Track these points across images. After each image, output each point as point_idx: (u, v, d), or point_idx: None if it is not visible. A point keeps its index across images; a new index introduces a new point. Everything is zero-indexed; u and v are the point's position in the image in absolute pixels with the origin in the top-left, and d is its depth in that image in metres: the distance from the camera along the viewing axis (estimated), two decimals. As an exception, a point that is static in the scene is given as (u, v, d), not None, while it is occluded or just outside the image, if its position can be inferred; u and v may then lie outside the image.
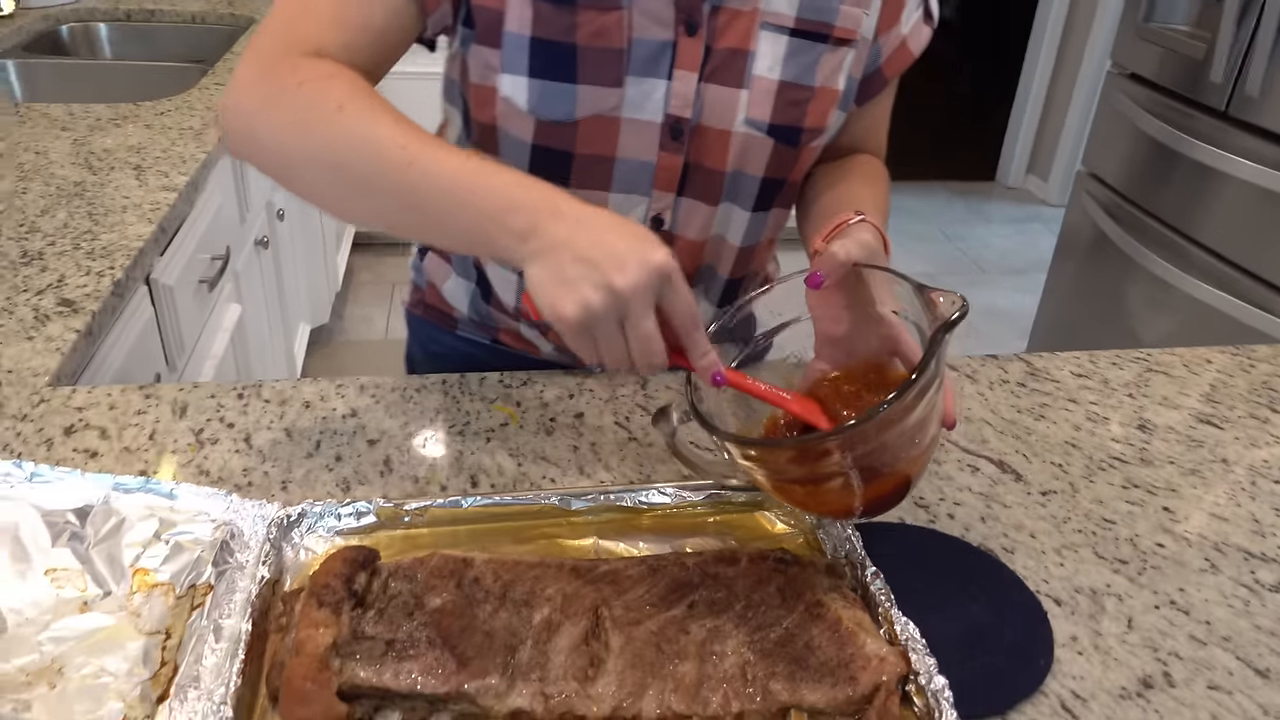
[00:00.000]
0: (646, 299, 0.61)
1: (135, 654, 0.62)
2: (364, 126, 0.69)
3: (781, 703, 0.60)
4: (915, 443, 0.64)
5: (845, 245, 0.70)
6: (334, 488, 0.80)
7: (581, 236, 0.62)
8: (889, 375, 0.72)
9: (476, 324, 1.06)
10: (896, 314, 0.71)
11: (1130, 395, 1.00)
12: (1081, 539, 0.79)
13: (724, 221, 0.92)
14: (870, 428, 0.59)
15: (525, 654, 0.61)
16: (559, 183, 0.86)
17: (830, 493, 0.65)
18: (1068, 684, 0.65)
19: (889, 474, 0.64)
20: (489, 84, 0.85)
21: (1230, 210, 2.09)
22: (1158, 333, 2.30)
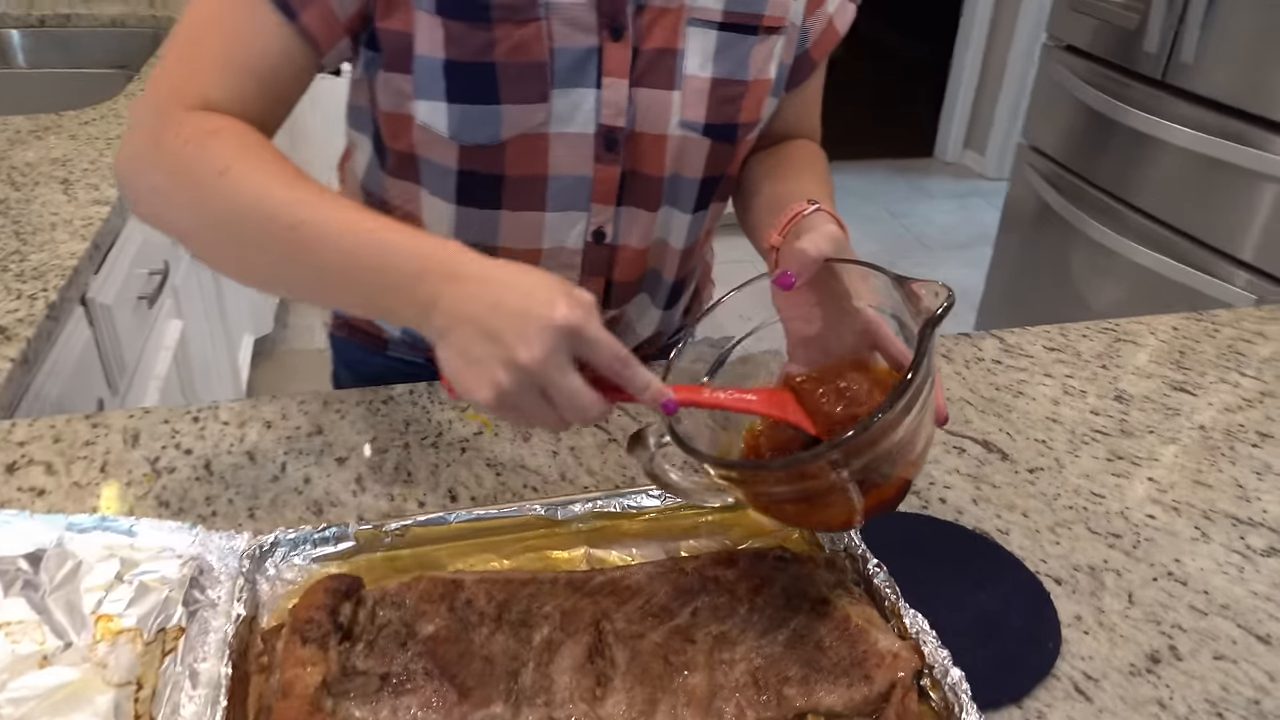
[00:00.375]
0: (557, 363, 0.56)
1: (105, 709, 0.58)
2: (249, 190, 0.65)
3: (797, 708, 0.58)
4: (912, 445, 0.60)
5: (813, 240, 0.66)
6: (305, 512, 0.76)
7: (482, 304, 0.57)
8: (871, 372, 0.68)
9: (409, 344, 0.99)
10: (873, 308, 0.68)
11: (1104, 366, 1.00)
12: (1074, 515, 0.78)
13: (665, 225, 0.89)
14: (865, 438, 0.55)
15: (528, 677, 0.58)
16: (490, 207, 0.83)
17: (826, 508, 0.61)
18: (1078, 665, 0.65)
19: (887, 481, 0.61)
20: (403, 111, 0.79)
21: (1168, 176, 2.13)
22: (1105, 299, 2.34)
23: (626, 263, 0.89)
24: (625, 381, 0.59)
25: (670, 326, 1.01)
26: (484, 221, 0.84)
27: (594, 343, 0.57)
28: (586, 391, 0.57)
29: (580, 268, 0.88)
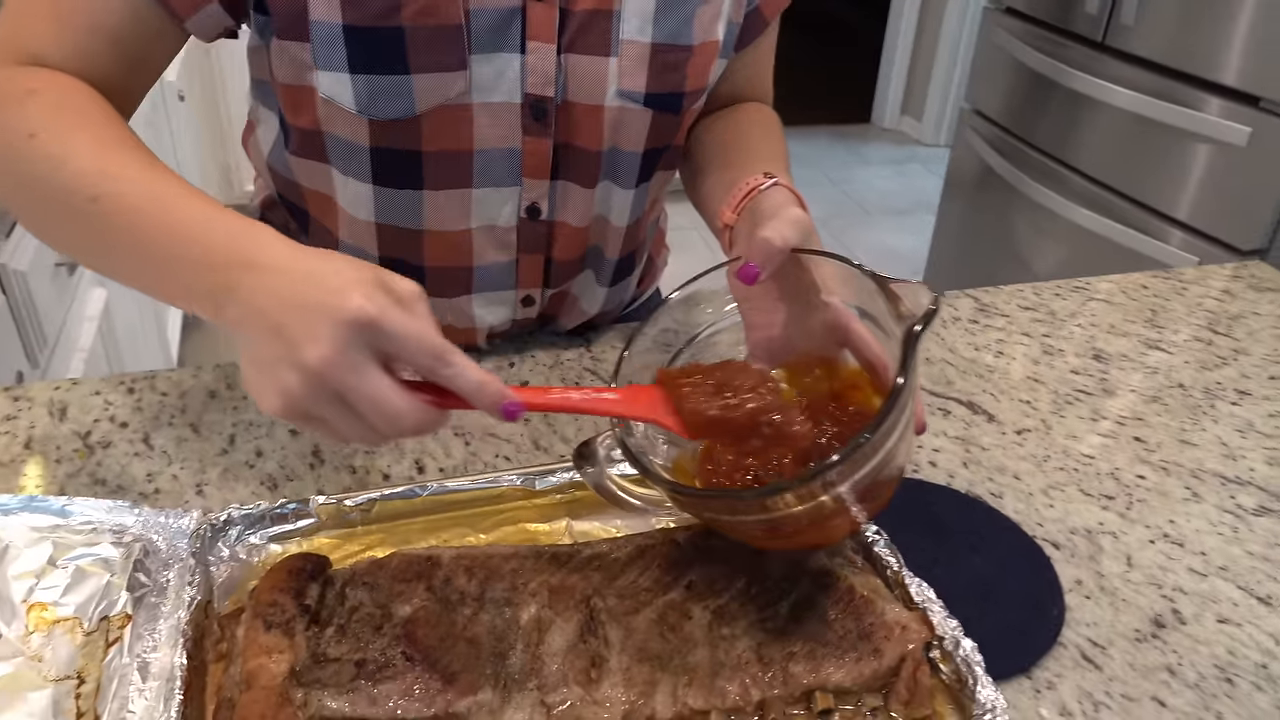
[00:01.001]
0: (351, 363, 0.46)
1: (42, 706, 0.52)
2: (54, 157, 0.57)
3: (804, 685, 0.55)
4: (892, 463, 0.55)
5: (777, 228, 0.60)
6: (259, 487, 0.70)
7: (274, 298, 0.48)
8: (839, 370, 0.63)
9: None
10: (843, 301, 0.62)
11: (1079, 326, 0.98)
12: (1065, 477, 0.76)
13: (605, 202, 0.82)
14: (849, 464, 0.50)
15: (517, 660, 0.54)
16: (411, 187, 0.75)
17: (793, 535, 0.56)
18: (1083, 632, 0.62)
19: (860, 506, 0.55)
20: (304, 83, 0.71)
21: (1107, 137, 2.15)
22: (1048, 262, 2.36)
23: (566, 240, 0.82)
24: (447, 382, 0.49)
25: (620, 301, 0.94)
26: (405, 202, 0.76)
27: (398, 338, 0.47)
28: (395, 397, 0.47)
29: (516, 246, 0.81)
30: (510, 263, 0.81)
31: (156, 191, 0.55)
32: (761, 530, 0.56)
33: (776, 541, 0.58)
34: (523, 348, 0.88)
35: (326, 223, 0.80)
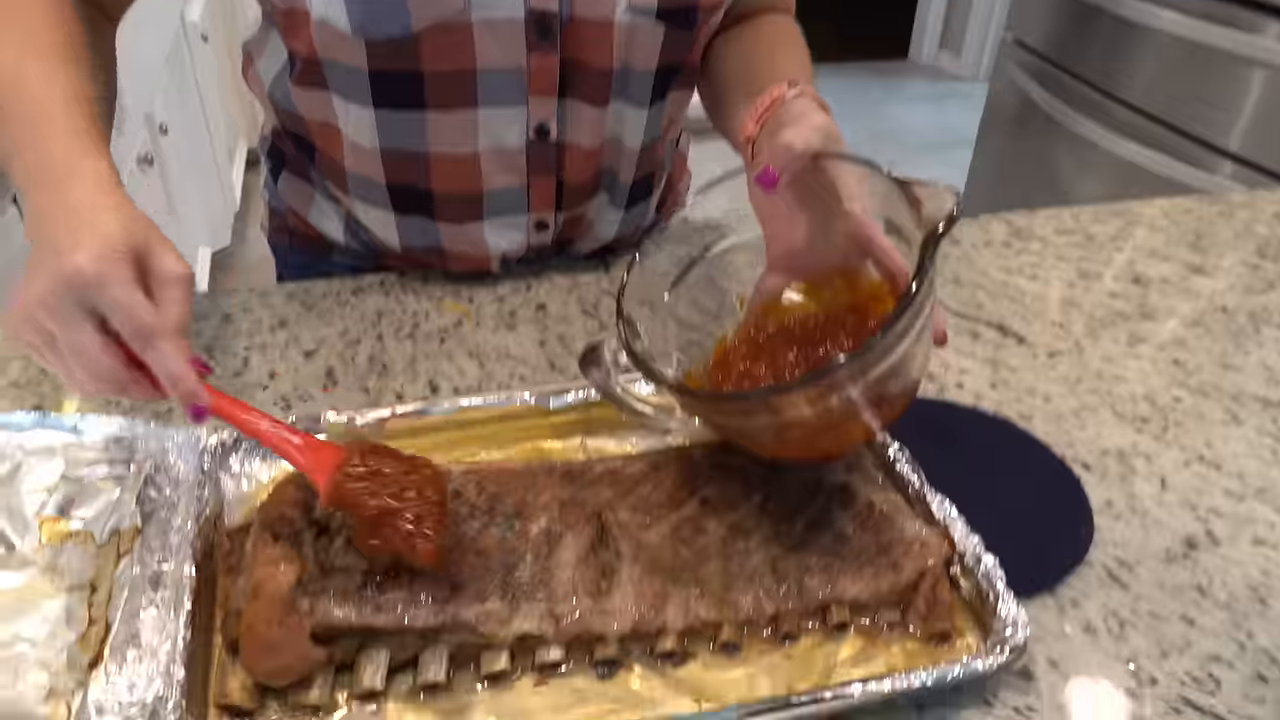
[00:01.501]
0: (63, 314, 0.49)
1: (55, 614, 0.52)
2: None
3: (819, 600, 0.53)
4: (908, 368, 0.53)
5: (799, 132, 0.58)
6: (272, 407, 0.70)
7: (38, 231, 0.52)
8: (861, 283, 0.61)
9: (355, 250, 0.88)
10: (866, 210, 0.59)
11: (1118, 249, 0.94)
12: (1097, 399, 0.74)
13: (617, 123, 0.78)
14: (859, 365, 0.49)
15: (526, 572, 0.53)
16: (414, 108, 0.72)
17: (804, 440, 0.55)
18: (1111, 551, 0.60)
19: (877, 409, 0.54)
20: (297, 6, 0.69)
21: (1156, 66, 2.07)
22: (1089, 197, 2.29)
23: (577, 162, 0.79)
24: (150, 364, 0.51)
25: (638, 226, 0.90)
26: (409, 125, 0.74)
27: (109, 307, 0.49)
28: (95, 351, 0.50)
29: (526, 169, 0.78)
30: (521, 187, 0.79)
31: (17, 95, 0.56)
32: (771, 437, 0.54)
33: (787, 449, 0.57)
34: (540, 271, 0.86)
35: (332, 153, 0.79)
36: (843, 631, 0.53)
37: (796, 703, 0.47)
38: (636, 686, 0.50)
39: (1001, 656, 0.50)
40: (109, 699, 0.48)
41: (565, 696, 0.50)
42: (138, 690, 0.48)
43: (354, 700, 0.49)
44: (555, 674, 0.51)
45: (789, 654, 0.52)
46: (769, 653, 0.52)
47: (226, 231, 2.59)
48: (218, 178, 2.51)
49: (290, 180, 0.87)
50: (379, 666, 0.49)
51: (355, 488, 0.51)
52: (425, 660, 0.50)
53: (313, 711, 0.48)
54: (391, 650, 0.50)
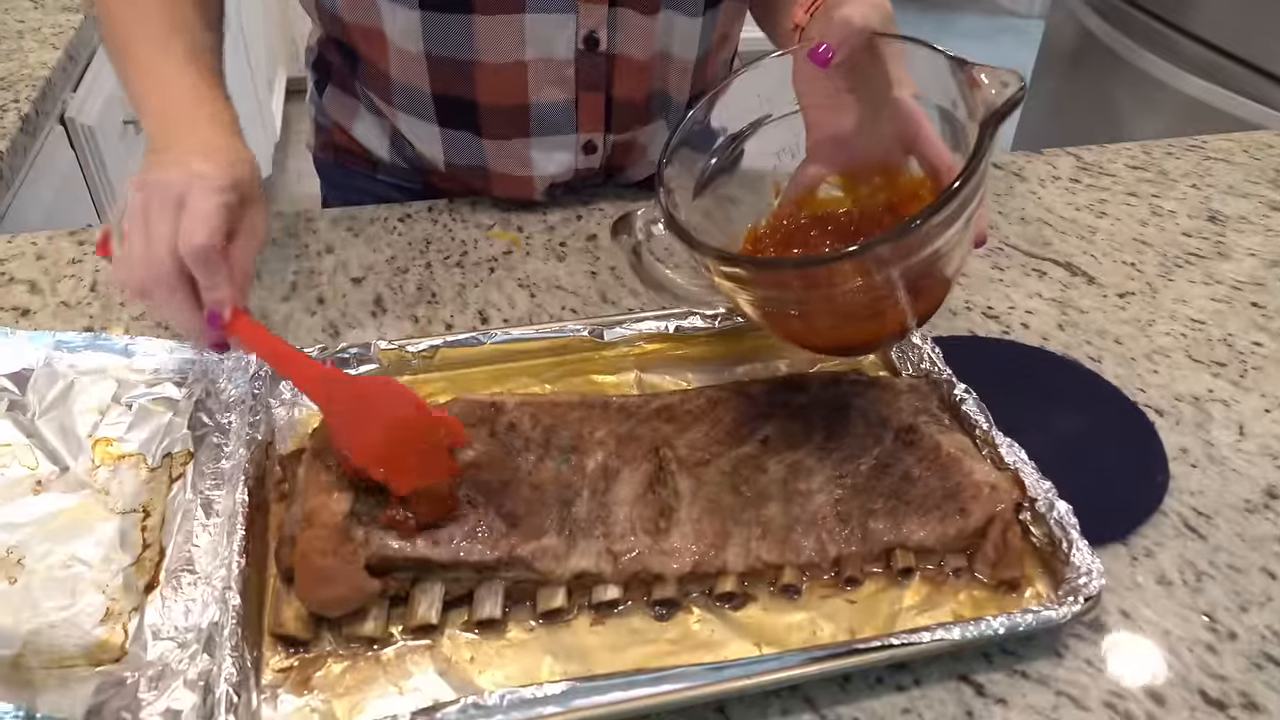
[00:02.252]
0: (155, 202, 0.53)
1: (110, 537, 0.52)
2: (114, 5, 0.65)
3: (884, 543, 0.52)
4: (947, 263, 0.51)
5: (858, 9, 0.54)
6: (320, 334, 0.68)
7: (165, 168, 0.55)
8: (901, 181, 0.58)
9: (402, 167, 0.86)
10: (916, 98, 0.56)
11: (1194, 186, 0.90)
12: (1171, 342, 0.71)
13: (667, 33, 0.75)
14: (903, 244, 0.47)
15: (583, 508, 0.51)
16: (460, 11, 0.70)
17: (835, 326, 0.54)
18: (1186, 500, 0.58)
19: (909, 302, 0.52)
20: None
21: (1226, -5, 1.97)
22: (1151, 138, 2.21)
23: (627, 76, 0.76)
24: (196, 269, 0.53)
25: None
26: (455, 29, 0.71)
27: (190, 211, 0.53)
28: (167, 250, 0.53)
29: (574, 82, 0.75)
30: (569, 102, 0.76)
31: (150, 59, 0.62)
32: (800, 321, 0.53)
33: (814, 337, 0.55)
34: (589, 199, 0.83)
35: (378, 62, 0.76)
36: (907, 577, 0.52)
37: (863, 649, 0.46)
38: (695, 628, 0.49)
39: (1075, 606, 0.48)
40: (165, 623, 0.47)
41: (623, 636, 0.49)
42: (193, 615, 0.48)
43: (408, 634, 0.48)
44: (612, 613, 0.50)
45: (851, 599, 0.51)
46: (831, 597, 0.51)
47: (267, 162, 2.58)
48: (258, 108, 2.49)
49: (335, 94, 0.85)
50: (434, 600, 0.48)
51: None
52: (480, 596, 0.49)
53: (367, 643, 0.47)
54: (446, 585, 0.49)
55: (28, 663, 0.45)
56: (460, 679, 0.46)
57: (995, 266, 0.78)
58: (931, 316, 0.57)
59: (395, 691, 0.46)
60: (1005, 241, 0.81)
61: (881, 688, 0.48)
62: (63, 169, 1.09)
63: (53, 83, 1.05)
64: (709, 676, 0.45)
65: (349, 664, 0.47)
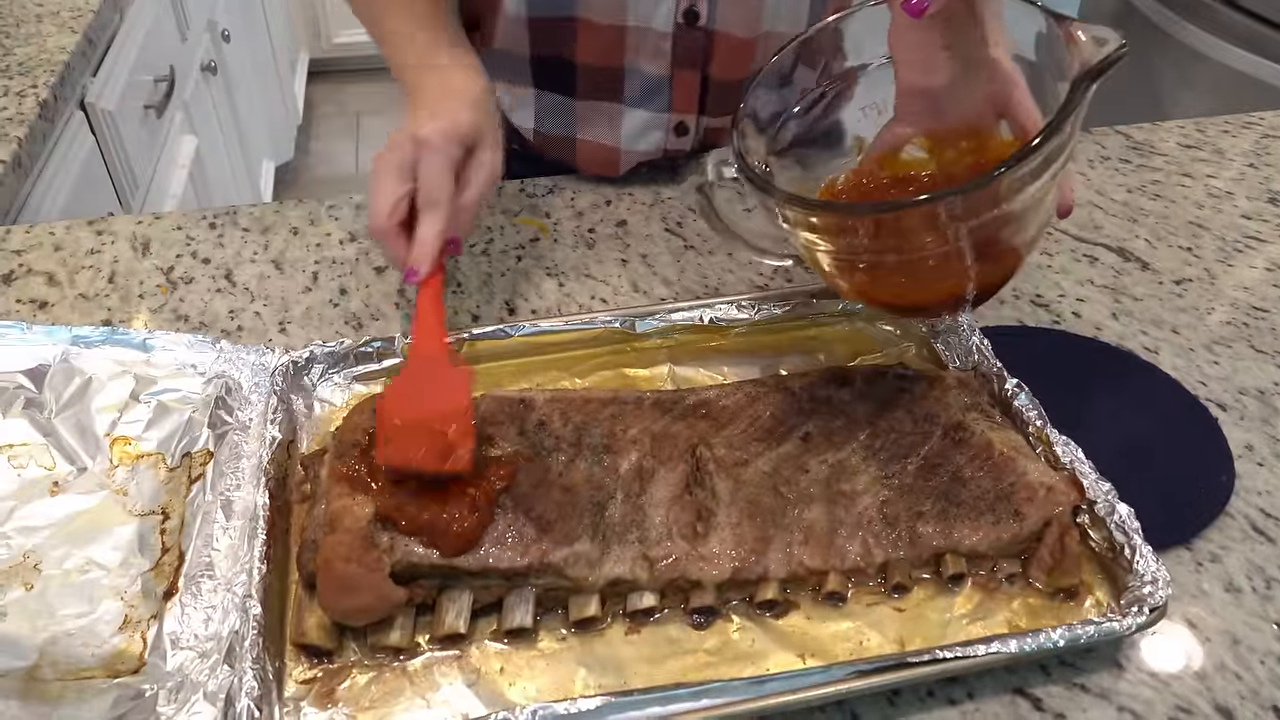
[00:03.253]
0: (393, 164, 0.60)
1: (128, 540, 0.50)
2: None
3: (934, 548, 0.49)
4: (1028, 222, 0.49)
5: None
6: (343, 326, 0.66)
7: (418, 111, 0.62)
8: (990, 143, 0.55)
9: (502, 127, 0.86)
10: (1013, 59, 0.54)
11: (1251, 165, 0.86)
12: (1233, 332, 0.67)
13: (775, 11, 0.72)
14: (986, 193, 0.45)
15: (617, 511, 0.49)
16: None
17: (912, 281, 0.51)
18: (1254, 501, 0.55)
19: (987, 262, 0.50)
20: None
21: (1276, -33, 1.90)
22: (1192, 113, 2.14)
23: (727, 54, 0.74)
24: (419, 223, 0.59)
25: None
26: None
27: (424, 169, 0.59)
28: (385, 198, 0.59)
29: (671, 56, 0.73)
30: (664, 77, 0.74)
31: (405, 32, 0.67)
32: (866, 273, 0.51)
33: (879, 290, 0.53)
34: (620, 184, 0.81)
35: (481, 23, 0.77)
36: (958, 584, 0.49)
37: (914, 662, 0.43)
38: (735, 637, 0.47)
39: (1140, 617, 0.45)
40: (184, 632, 0.46)
41: (660, 646, 0.46)
42: (213, 624, 0.46)
43: (435, 644, 0.46)
44: (648, 621, 0.47)
45: (899, 606, 0.48)
46: (877, 605, 0.48)
47: (289, 146, 2.57)
48: (280, 89, 2.47)
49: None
50: (462, 609, 0.46)
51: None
52: (510, 604, 0.47)
53: (393, 654, 0.46)
54: (475, 593, 0.47)
55: (44, 675, 0.44)
56: (490, 691, 0.44)
57: (1044, 253, 0.74)
58: (1001, 287, 0.55)
59: (423, 704, 0.44)
60: (1054, 225, 0.77)
61: (933, 701, 0.45)
62: (83, 156, 1.08)
63: (71, 67, 1.03)
64: (751, 691, 0.43)
65: (374, 675, 0.45)
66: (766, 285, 0.70)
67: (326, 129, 2.97)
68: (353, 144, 2.88)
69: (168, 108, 1.39)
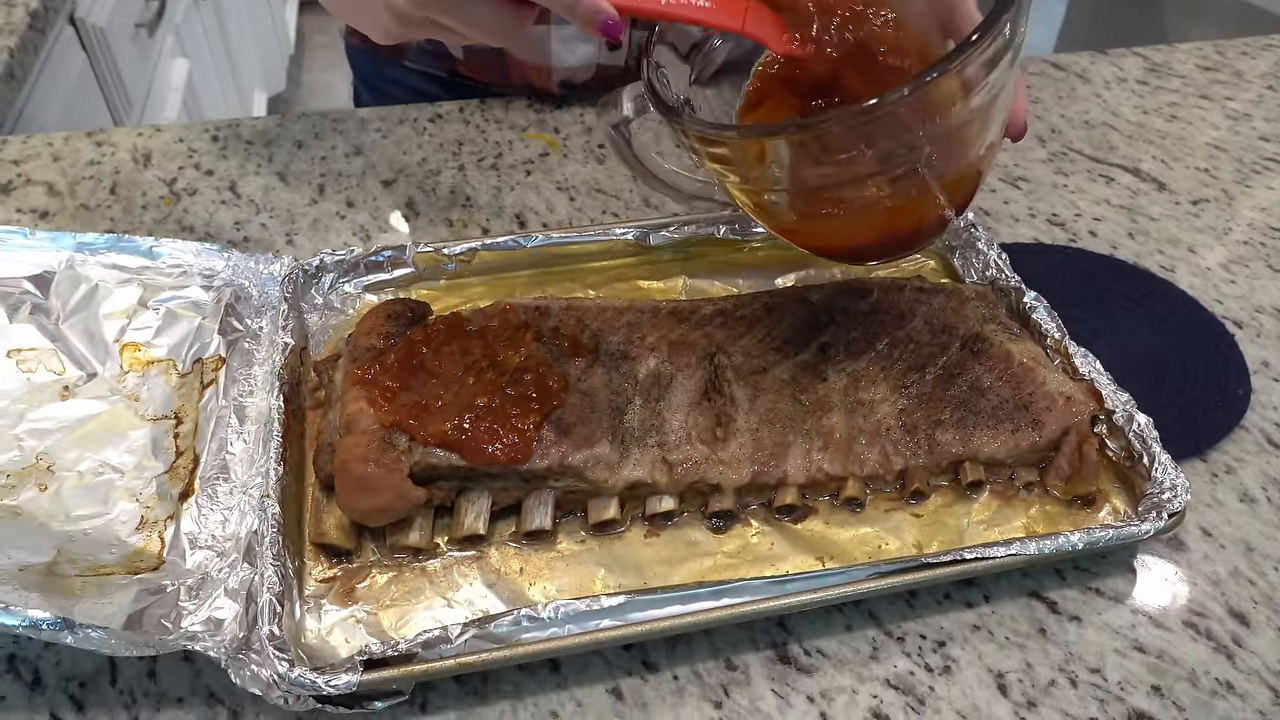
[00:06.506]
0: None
1: (141, 444, 0.50)
2: None
3: (953, 455, 0.49)
4: (969, 139, 0.44)
5: None
6: (351, 237, 0.65)
7: None
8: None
9: (430, 53, 0.82)
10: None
11: (1271, 88, 0.85)
12: (1250, 251, 0.67)
13: None
14: (912, 99, 0.39)
15: (635, 416, 0.49)
16: None
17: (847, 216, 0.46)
18: (1270, 415, 0.55)
19: (932, 190, 0.45)
20: None
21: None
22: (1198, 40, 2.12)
23: None
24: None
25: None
26: None
27: None
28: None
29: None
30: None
31: None
32: (803, 201, 0.46)
33: (816, 232, 0.48)
34: (629, 101, 0.79)
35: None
36: (976, 491, 0.49)
37: (933, 563, 0.44)
38: (754, 541, 0.47)
39: (1159, 522, 0.45)
40: (202, 532, 0.46)
41: (678, 549, 0.46)
42: (231, 525, 0.46)
43: (454, 545, 0.46)
44: (667, 525, 0.47)
45: (917, 513, 0.48)
46: (895, 511, 0.48)
47: (281, 76, 2.52)
48: (271, 18, 2.42)
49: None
50: (481, 511, 0.46)
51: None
52: (529, 506, 0.46)
53: (412, 554, 0.45)
54: (493, 494, 0.46)
55: (63, 570, 0.43)
56: (510, 591, 0.44)
57: (1059, 172, 0.74)
58: (940, 232, 0.50)
59: (443, 603, 0.44)
60: (1069, 146, 0.76)
61: (949, 604, 0.46)
62: (75, 72, 1.05)
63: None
64: (772, 590, 0.43)
65: (394, 575, 0.45)
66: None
67: (319, 60, 2.91)
68: (347, 74, 2.82)
69: (159, 28, 1.36)
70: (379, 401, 0.47)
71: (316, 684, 0.38)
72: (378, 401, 0.47)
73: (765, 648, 0.43)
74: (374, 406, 0.47)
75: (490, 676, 0.42)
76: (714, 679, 0.42)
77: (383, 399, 0.47)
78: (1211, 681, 0.43)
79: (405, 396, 0.47)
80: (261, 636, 0.39)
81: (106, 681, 0.41)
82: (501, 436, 0.46)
